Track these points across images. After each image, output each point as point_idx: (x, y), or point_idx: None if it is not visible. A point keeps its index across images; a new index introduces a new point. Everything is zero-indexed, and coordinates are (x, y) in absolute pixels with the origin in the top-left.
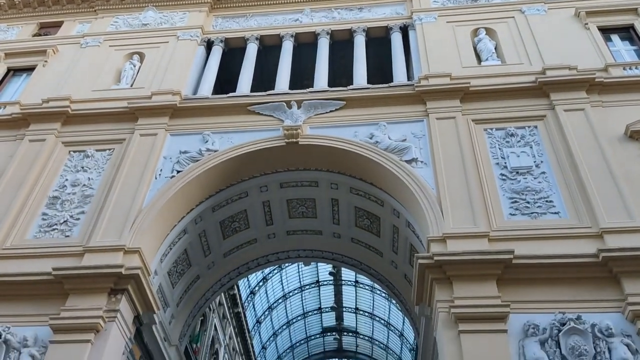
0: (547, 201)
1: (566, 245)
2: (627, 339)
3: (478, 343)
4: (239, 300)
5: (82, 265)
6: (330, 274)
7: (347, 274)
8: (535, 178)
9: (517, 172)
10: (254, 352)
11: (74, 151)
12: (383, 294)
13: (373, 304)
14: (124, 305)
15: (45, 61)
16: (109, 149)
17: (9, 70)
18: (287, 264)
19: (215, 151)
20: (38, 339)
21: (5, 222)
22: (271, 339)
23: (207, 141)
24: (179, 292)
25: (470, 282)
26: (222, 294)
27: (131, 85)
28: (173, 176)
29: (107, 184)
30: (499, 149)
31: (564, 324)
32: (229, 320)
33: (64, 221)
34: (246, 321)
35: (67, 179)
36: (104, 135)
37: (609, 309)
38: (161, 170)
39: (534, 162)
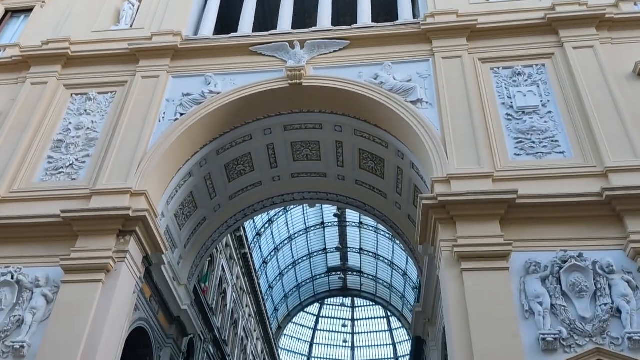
0: (552, 141)
1: (570, 185)
2: (627, 275)
3: (480, 281)
4: (245, 242)
5: (89, 208)
6: (335, 215)
7: (352, 215)
8: (541, 118)
9: (523, 112)
10: (261, 291)
11: (76, 94)
12: (387, 235)
13: (377, 244)
14: (133, 246)
15: (43, 1)
16: (111, 92)
17: (7, 11)
18: (292, 206)
19: (218, 93)
20: (50, 279)
21: (11, 165)
22: (277, 278)
23: (209, 83)
24: (187, 233)
25: (473, 222)
26: (229, 236)
27: (131, 26)
28: (176, 119)
29: (110, 127)
30: (506, 88)
31: (565, 262)
32: (236, 261)
33: (70, 164)
34: (253, 262)
35: (70, 122)
36: (106, 78)
37: (610, 247)
38: (164, 113)
39: (541, 101)
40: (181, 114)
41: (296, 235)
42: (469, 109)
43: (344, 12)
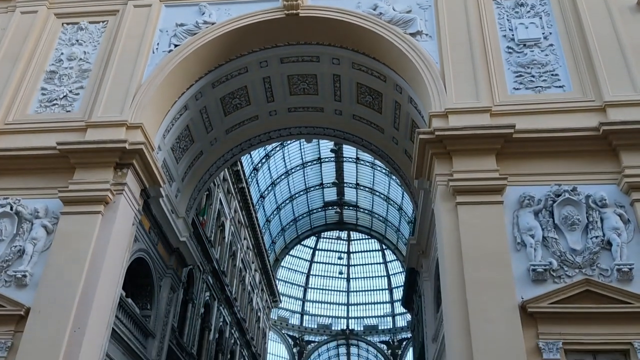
0: (552, 75)
1: (568, 119)
2: (619, 209)
3: (474, 214)
4: (242, 176)
5: (86, 140)
6: (332, 150)
7: (349, 150)
8: (542, 51)
9: (524, 45)
10: (258, 224)
11: (67, 23)
12: (383, 170)
13: (373, 179)
14: (131, 179)
15: None
16: (103, 21)
17: None
18: (289, 142)
19: (212, 24)
20: (49, 211)
21: (5, 97)
22: (275, 212)
23: (203, 13)
24: (184, 167)
25: (469, 156)
26: (226, 170)
27: None
28: (170, 50)
29: (103, 58)
30: (507, 20)
31: (558, 195)
32: (234, 195)
33: (64, 96)
34: (250, 196)
35: (62, 53)
36: (96, 7)
37: (604, 181)
38: (158, 43)
39: (543, 33)
40: (175, 45)
41: (293, 171)
42: (469, 42)
43: None
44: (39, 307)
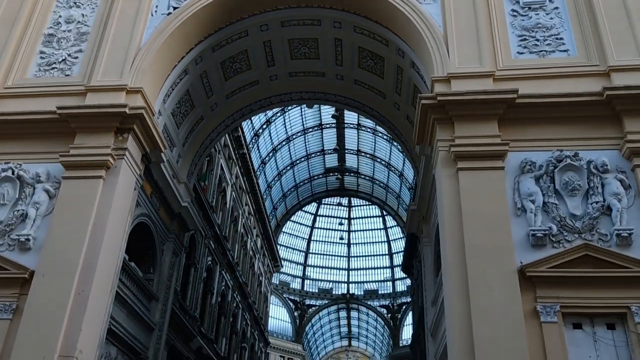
0: (557, 38)
1: (571, 84)
2: (621, 174)
3: (475, 179)
4: (243, 142)
5: (86, 105)
6: (333, 116)
7: (350, 116)
8: (547, 14)
9: (529, 8)
10: (260, 190)
11: None
12: (385, 137)
13: (375, 146)
14: (132, 144)
15: None
16: None
17: None
18: (290, 107)
19: None
20: (51, 175)
21: (4, 60)
22: (276, 179)
23: None
24: (184, 132)
25: (471, 121)
26: (227, 136)
27: None
28: (169, 13)
29: (102, 21)
30: None
31: (560, 161)
32: (235, 161)
33: (63, 60)
34: (251, 162)
35: (60, 15)
36: None
37: (606, 147)
38: (157, 6)
39: None
40: (174, 8)
41: (294, 137)
42: (473, 5)
43: None
44: (43, 270)
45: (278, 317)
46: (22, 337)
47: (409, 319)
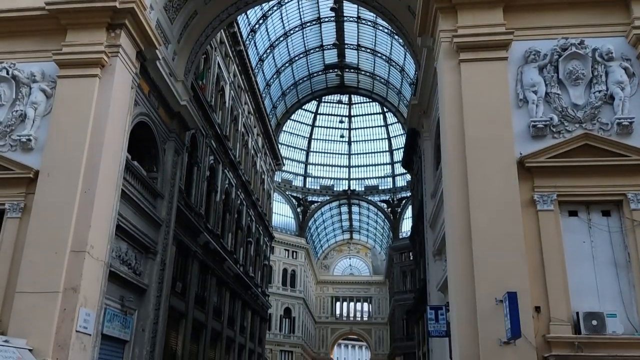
0: None
1: None
2: (626, 62)
3: (477, 71)
4: (240, 38)
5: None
6: (332, 9)
7: (349, 9)
8: None
9: None
10: (258, 89)
11: None
12: (385, 30)
13: (375, 40)
14: (125, 41)
15: None
16: None
17: None
18: (286, 0)
19: None
20: (46, 75)
21: None
22: (274, 76)
23: None
24: (178, 28)
25: (475, 10)
26: (222, 32)
27: None
28: None
29: None
30: None
31: (565, 49)
32: (232, 58)
33: None
34: (249, 59)
35: None
36: None
37: (612, 33)
38: None
39: None
40: None
41: (292, 32)
42: None
43: None
44: (47, 169)
45: (282, 213)
46: (32, 234)
47: (409, 212)
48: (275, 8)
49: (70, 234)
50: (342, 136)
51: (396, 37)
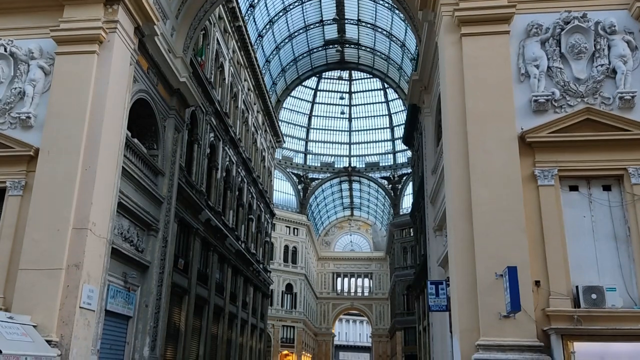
0: None
1: None
2: (628, 36)
3: (478, 45)
4: (238, 14)
5: None
6: None
7: None
8: None
9: None
10: (258, 65)
11: None
12: (386, 5)
13: (375, 14)
14: (123, 17)
15: None
16: None
17: None
18: None
19: None
20: (43, 51)
21: None
22: (274, 52)
23: None
24: (177, 3)
25: None
26: (221, 7)
27: None
28: None
29: None
30: None
31: (568, 23)
32: (231, 34)
33: None
34: (248, 35)
35: None
36: None
37: (615, 6)
38: None
39: None
40: None
41: (291, 7)
42: None
43: None
44: (48, 147)
45: (282, 190)
46: (34, 212)
47: (409, 189)
48: None
49: (72, 211)
50: (342, 113)
51: (397, 11)
